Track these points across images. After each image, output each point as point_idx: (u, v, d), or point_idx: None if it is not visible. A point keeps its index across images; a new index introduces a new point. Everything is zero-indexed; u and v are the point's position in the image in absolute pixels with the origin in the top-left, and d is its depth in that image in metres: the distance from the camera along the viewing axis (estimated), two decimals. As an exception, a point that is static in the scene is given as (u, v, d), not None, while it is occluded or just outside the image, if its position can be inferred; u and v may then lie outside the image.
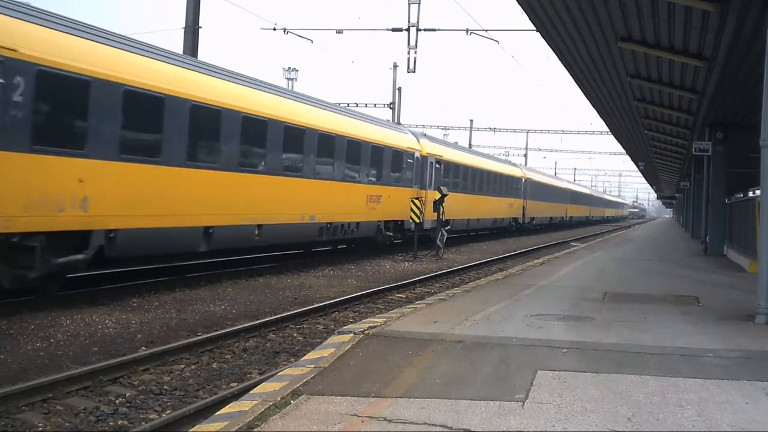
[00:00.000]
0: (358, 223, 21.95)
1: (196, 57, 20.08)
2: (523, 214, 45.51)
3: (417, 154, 27.07)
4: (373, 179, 23.24)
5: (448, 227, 27.76)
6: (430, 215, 26.31)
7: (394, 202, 24.54)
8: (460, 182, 32.47)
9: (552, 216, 56.51)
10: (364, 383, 6.15)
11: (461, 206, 31.72)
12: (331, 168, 20.54)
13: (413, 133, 28.99)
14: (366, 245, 24.29)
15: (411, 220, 24.56)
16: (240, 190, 16.30)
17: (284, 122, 17.89)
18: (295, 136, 18.40)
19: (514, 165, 48.61)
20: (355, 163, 22.10)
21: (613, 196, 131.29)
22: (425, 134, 31.21)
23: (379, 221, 23.77)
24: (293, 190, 18.42)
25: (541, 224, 53.60)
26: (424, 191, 27.25)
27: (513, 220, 43.54)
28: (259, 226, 16.86)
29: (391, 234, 24.88)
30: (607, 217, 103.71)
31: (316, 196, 19.52)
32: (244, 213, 16.42)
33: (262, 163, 17.27)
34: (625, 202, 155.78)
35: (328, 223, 20.16)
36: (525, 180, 46.19)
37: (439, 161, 29.36)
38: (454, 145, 37.96)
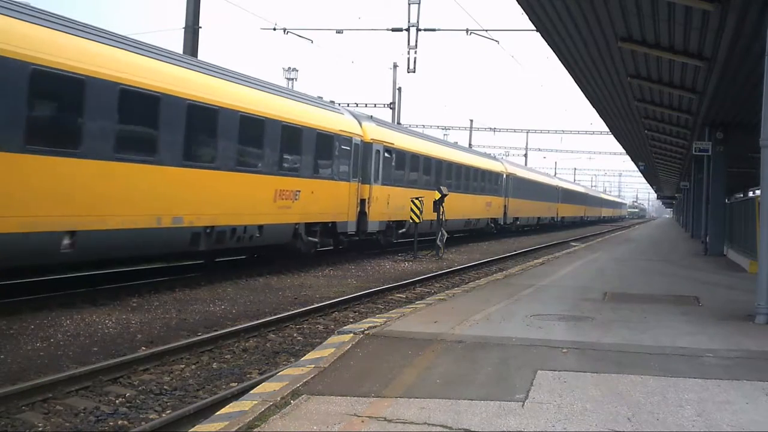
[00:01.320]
0: (261, 227, 16.85)
1: (196, 57, 20.07)
2: (505, 213, 41.20)
3: (357, 140, 21.99)
4: (287, 170, 18.15)
5: (404, 230, 25.32)
6: (376, 216, 23.15)
7: (320, 200, 19.71)
8: (419, 176, 27.82)
9: (540, 216, 51.97)
10: (364, 383, 6.15)
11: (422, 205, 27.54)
12: (210, 152, 15.29)
13: (354, 114, 23.63)
14: (282, 254, 19.14)
15: (411, 220, 24.37)
16: (34, 179, 11.09)
17: (121, 84, 12.64)
18: (142, 106, 13.30)
19: (494, 158, 43.86)
20: (256, 147, 16.87)
21: (610, 195, 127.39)
22: (372, 117, 25.57)
23: (297, 224, 18.67)
24: (138, 180, 13.18)
25: (527, 226, 49.28)
26: (367, 186, 22.71)
27: (491, 221, 38.83)
28: (72, 233, 11.67)
29: (316, 240, 19.83)
30: (604, 217, 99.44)
31: (182, 190, 14.30)
32: (40, 214, 11.18)
33: (81, 142, 11.96)
34: (624, 201, 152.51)
35: (207, 227, 14.92)
36: (507, 176, 41.74)
37: (389, 150, 24.62)
38: (414, 132, 32.36)
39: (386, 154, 24.33)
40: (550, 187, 57.09)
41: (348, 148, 21.48)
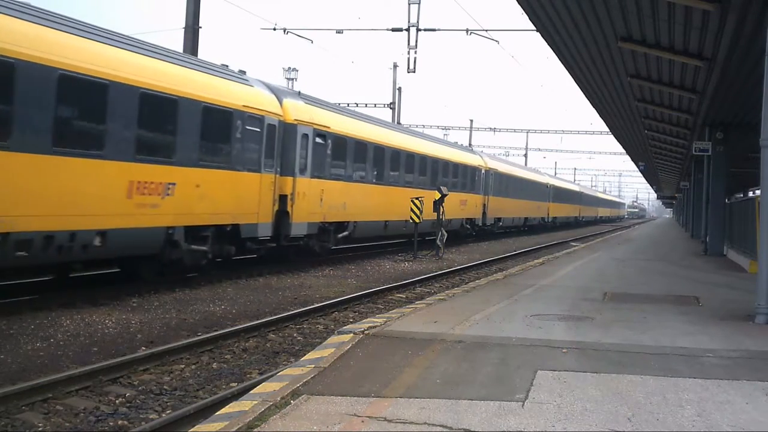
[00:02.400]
0: (103, 233, 12.43)
1: (196, 56, 20.07)
2: (484, 213, 36.42)
3: (272, 120, 17.45)
4: (151, 154, 13.59)
5: (345, 233, 21.61)
6: (304, 216, 18.92)
7: (211, 196, 15.13)
8: (369, 169, 23.43)
9: (528, 216, 47.32)
10: (364, 383, 6.15)
11: (371, 202, 23.28)
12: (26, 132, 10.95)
13: (271, 88, 18.50)
14: (155, 268, 14.68)
15: (411, 220, 24.29)
16: None
17: None
18: None
19: (472, 151, 38.81)
20: (92, 121, 12.39)
21: (608, 194, 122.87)
22: (300, 93, 20.51)
23: (171, 228, 14.12)
24: None
25: (512, 227, 44.78)
26: (289, 179, 18.23)
27: (467, 222, 33.78)
28: None
29: (205, 248, 15.26)
30: (601, 217, 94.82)
31: None
32: None
33: None
34: (622, 201, 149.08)
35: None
36: (487, 171, 37.07)
37: (323, 134, 20.03)
38: (363, 116, 25.73)
39: (318, 140, 19.72)
40: (539, 185, 51.92)
41: (257, 129, 16.79)
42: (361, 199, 22.53)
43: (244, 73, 17.86)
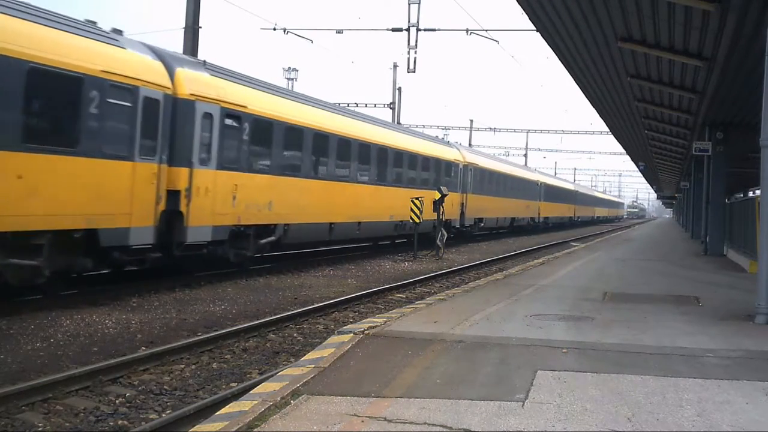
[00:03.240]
0: None
1: (196, 57, 20.06)
2: (462, 213, 32.59)
3: (155, 94, 13.66)
4: None
5: (272, 239, 17.74)
6: (207, 217, 15.06)
7: (43, 189, 11.33)
8: (304, 160, 19.28)
9: (515, 217, 43.39)
10: (364, 383, 6.15)
11: (310, 201, 19.38)
12: None
13: (161, 54, 14.54)
14: None
15: (411, 220, 24.26)
16: None
17: None
18: None
19: (448, 144, 34.57)
20: None
21: (605, 194, 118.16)
22: (206, 62, 16.12)
23: None
24: None
25: (497, 228, 40.96)
26: (184, 170, 14.42)
27: (439, 224, 27.00)
28: None
29: (36, 263, 11.45)
30: (598, 217, 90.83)
31: None
32: None
33: None
34: (621, 201, 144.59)
35: None
36: (465, 166, 33.28)
37: (236, 115, 16.07)
38: (300, 96, 20.92)
39: (230, 122, 15.87)
40: (528, 182, 47.48)
41: (128, 103, 13.05)
42: (294, 197, 18.51)
43: (119, 33, 13.84)
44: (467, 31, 29.25)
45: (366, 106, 40.99)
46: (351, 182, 22.28)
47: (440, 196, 25.25)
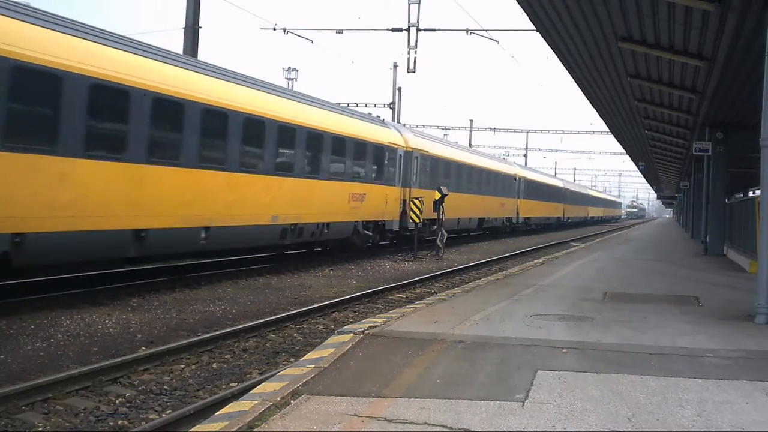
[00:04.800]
0: None
1: (196, 57, 20.06)
2: (404, 212, 25.55)
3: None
4: None
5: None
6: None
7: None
8: (183, 140, 14.24)
9: (485, 217, 36.56)
10: (364, 383, 6.15)
11: (177, 196, 14.11)
12: None
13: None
14: None
15: (411, 220, 24.24)
16: None
17: None
18: None
19: (384, 123, 26.59)
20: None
21: (599, 191, 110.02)
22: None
23: None
24: None
25: (459, 230, 33.03)
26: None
27: (374, 225, 23.31)
28: None
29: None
30: (592, 218, 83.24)
31: None
32: None
33: None
34: (618, 200, 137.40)
35: None
36: (407, 152, 26.13)
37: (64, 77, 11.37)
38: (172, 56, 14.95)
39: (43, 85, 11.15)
40: (502, 176, 40.49)
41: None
42: (167, 192, 13.85)
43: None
44: (467, 31, 29.26)
45: (366, 106, 40.92)
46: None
47: (440, 196, 25.20)
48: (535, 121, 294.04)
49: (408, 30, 28.11)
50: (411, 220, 24.25)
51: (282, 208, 17.76)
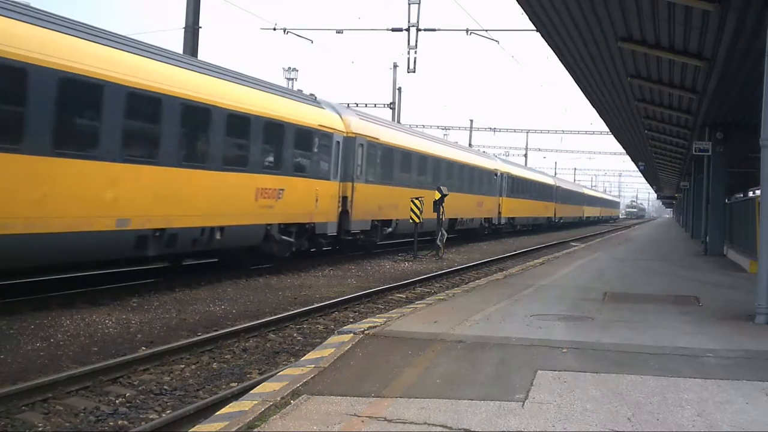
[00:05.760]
0: None
1: (196, 57, 20.04)
2: (346, 211, 21.31)
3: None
4: None
5: None
6: None
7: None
8: None
9: (458, 217, 31.54)
10: (364, 383, 6.15)
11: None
12: None
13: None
14: None
15: (411, 220, 24.16)
16: None
17: None
18: None
19: (315, 102, 20.77)
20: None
21: (597, 191, 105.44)
22: None
23: None
24: None
25: (422, 234, 25.47)
26: None
27: (298, 229, 18.82)
28: None
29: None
30: (588, 218, 78.19)
31: None
32: None
33: None
34: (615, 199, 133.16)
35: None
36: (350, 138, 21.52)
37: None
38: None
39: None
40: (480, 171, 35.51)
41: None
42: None
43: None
44: (467, 31, 29.25)
45: (366, 105, 40.94)
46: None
47: (440, 196, 25.17)
48: (535, 121, 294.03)
49: (408, 30, 28.13)
50: (411, 220, 24.08)
51: (137, 208, 13.14)
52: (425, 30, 28.79)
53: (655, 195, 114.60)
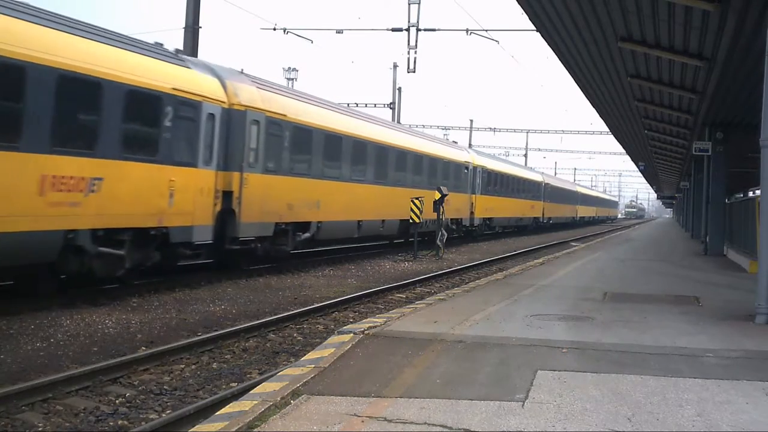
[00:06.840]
0: None
1: (196, 57, 20.04)
2: (234, 212, 16.01)
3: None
4: None
5: None
6: None
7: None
8: None
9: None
10: (364, 383, 6.15)
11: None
12: None
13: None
14: None
15: (411, 220, 24.14)
16: None
17: None
18: None
19: (178, 59, 15.00)
20: None
21: (592, 189, 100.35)
22: None
23: None
24: None
25: (372, 238, 24.90)
26: None
27: (134, 238, 13.26)
28: None
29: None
30: (582, 218, 73.20)
31: None
32: None
33: None
34: (613, 198, 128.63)
35: None
36: (236, 114, 15.98)
37: None
38: None
39: None
40: (449, 165, 31.31)
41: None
42: None
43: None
44: (467, 31, 29.25)
45: (366, 105, 40.96)
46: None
47: (440, 195, 25.17)
48: (535, 121, 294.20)
49: (408, 30, 28.12)
50: (411, 219, 23.98)
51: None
52: (425, 30, 28.81)
53: (655, 195, 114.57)
